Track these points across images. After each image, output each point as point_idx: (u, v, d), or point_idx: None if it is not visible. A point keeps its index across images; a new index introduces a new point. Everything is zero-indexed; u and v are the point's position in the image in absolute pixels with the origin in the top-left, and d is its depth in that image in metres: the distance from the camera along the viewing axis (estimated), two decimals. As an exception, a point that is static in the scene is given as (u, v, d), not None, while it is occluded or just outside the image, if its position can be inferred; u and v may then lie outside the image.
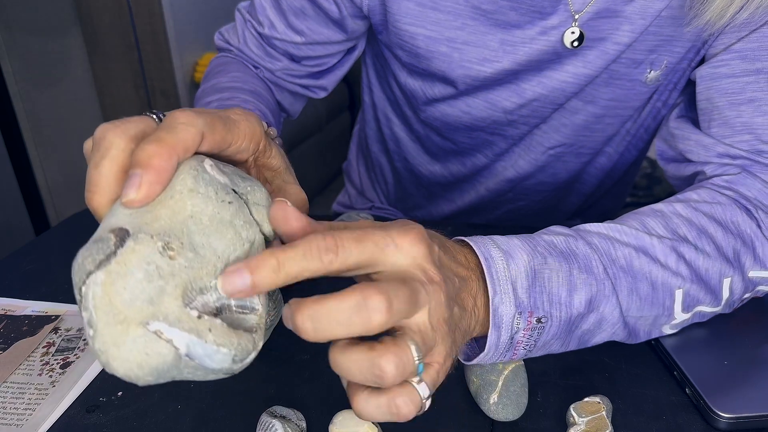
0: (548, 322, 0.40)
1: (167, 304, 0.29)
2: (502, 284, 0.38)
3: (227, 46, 0.73)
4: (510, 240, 0.41)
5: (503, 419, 0.44)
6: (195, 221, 0.32)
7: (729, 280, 0.47)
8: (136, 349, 0.28)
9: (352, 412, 0.42)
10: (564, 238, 0.42)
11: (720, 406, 0.44)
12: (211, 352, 0.29)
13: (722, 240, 0.47)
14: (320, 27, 0.67)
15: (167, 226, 0.31)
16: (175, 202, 0.32)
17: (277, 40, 0.68)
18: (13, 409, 0.46)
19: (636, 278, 0.43)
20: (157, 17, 1.67)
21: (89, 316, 0.29)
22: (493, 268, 0.38)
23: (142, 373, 0.29)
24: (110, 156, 0.33)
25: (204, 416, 0.45)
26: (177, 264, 0.30)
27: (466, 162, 0.78)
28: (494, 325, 0.38)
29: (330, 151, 2.09)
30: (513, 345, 0.40)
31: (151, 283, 0.29)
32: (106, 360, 0.29)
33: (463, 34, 0.61)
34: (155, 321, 0.29)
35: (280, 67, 0.71)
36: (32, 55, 1.85)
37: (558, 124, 0.69)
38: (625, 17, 0.58)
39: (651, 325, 0.46)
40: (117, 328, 0.28)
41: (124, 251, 0.29)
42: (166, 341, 0.29)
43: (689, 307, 0.46)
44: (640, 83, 0.63)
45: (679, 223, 0.47)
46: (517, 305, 0.38)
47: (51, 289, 0.61)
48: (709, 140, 0.55)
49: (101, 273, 0.29)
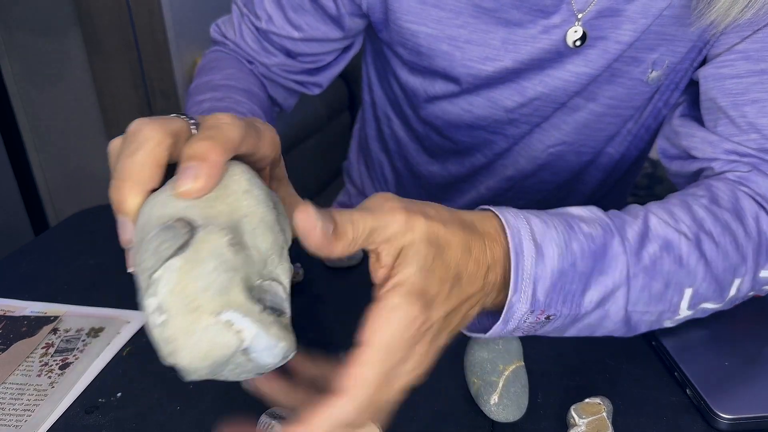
0: (556, 319, 0.40)
1: (236, 295, 0.29)
2: (525, 283, 0.37)
3: (223, 39, 0.73)
4: (547, 229, 0.39)
5: (504, 420, 0.44)
6: (248, 221, 0.32)
7: (740, 280, 0.47)
8: (206, 339, 0.29)
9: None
10: (602, 232, 0.41)
11: (721, 407, 0.44)
12: (271, 345, 0.30)
13: (743, 238, 0.46)
14: (318, 23, 0.67)
15: (227, 222, 0.31)
16: (232, 200, 0.32)
17: (274, 34, 0.68)
18: (12, 410, 0.46)
19: (654, 278, 0.42)
20: (156, 17, 1.67)
21: (160, 301, 0.29)
22: (521, 265, 0.37)
23: (201, 365, 0.29)
24: (147, 148, 0.33)
25: (204, 417, 0.45)
26: (239, 259, 0.30)
27: (465, 162, 0.78)
28: (504, 320, 0.38)
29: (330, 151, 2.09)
30: (514, 331, 0.40)
31: (222, 274, 0.29)
32: (174, 349, 0.29)
33: (465, 32, 0.61)
34: (228, 311, 0.29)
35: (276, 62, 0.70)
36: (32, 55, 1.85)
37: (559, 122, 0.69)
38: (626, 16, 0.57)
39: (654, 321, 0.46)
40: (189, 317, 0.28)
41: (196, 241, 0.30)
42: (236, 332, 0.29)
43: (695, 305, 0.46)
44: (641, 83, 0.63)
45: (705, 217, 0.46)
46: (532, 304, 0.38)
47: (50, 290, 0.61)
48: (715, 137, 0.55)
49: (178, 259, 0.29)
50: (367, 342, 0.32)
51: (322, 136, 2.08)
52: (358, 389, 0.31)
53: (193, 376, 0.30)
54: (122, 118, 1.79)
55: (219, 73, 0.66)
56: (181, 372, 0.30)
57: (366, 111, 0.88)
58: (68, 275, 0.63)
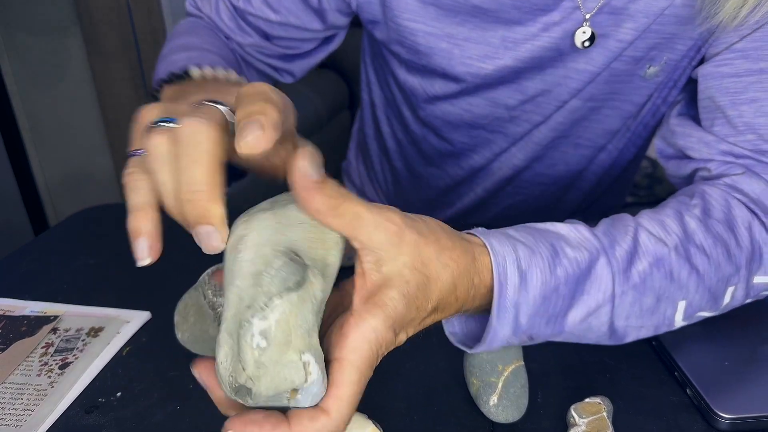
0: (538, 337, 0.41)
1: (315, 339, 0.31)
2: (508, 310, 0.38)
3: (198, 13, 0.71)
4: (533, 254, 0.39)
5: (503, 421, 0.44)
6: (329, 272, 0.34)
7: (734, 288, 0.47)
8: (285, 373, 0.30)
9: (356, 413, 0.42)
10: (588, 255, 0.41)
11: (721, 407, 0.44)
12: (320, 393, 0.31)
13: (735, 248, 0.47)
14: (297, 10, 0.66)
15: (320, 267, 0.33)
16: (327, 248, 0.33)
17: (250, 15, 0.67)
18: (12, 409, 0.46)
19: (644, 294, 0.43)
20: (156, 16, 1.67)
21: (266, 327, 0.29)
22: (504, 292, 0.38)
23: (267, 394, 0.31)
24: (210, 152, 0.32)
25: (203, 417, 0.45)
26: (322, 305, 0.32)
27: (462, 164, 0.78)
28: (487, 342, 0.39)
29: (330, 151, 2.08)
30: (498, 347, 0.40)
31: (312, 317, 0.31)
32: (260, 374, 0.30)
33: (464, 30, 0.61)
34: (308, 353, 0.30)
35: (251, 42, 0.69)
36: (32, 55, 1.85)
37: (558, 119, 0.69)
38: (628, 15, 0.57)
39: (651, 333, 0.46)
40: (282, 349, 0.30)
41: (307, 280, 0.31)
42: (307, 373, 0.30)
43: (689, 316, 0.46)
44: (639, 78, 0.63)
45: (696, 229, 0.46)
46: (514, 329, 0.39)
47: (50, 290, 0.61)
48: (711, 138, 0.55)
49: (295, 295, 0.30)
50: (348, 361, 0.32)
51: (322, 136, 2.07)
52: (341, 409, 0.32)
53: (254, 401, 0.31)
54: (122, 118, 1.79)
55: (198, 38, 0.64)
56: (245, 394, 0.30)
57: (365, 111, 0.87)
58: (68, 275, 0.63)
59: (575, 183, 0.79)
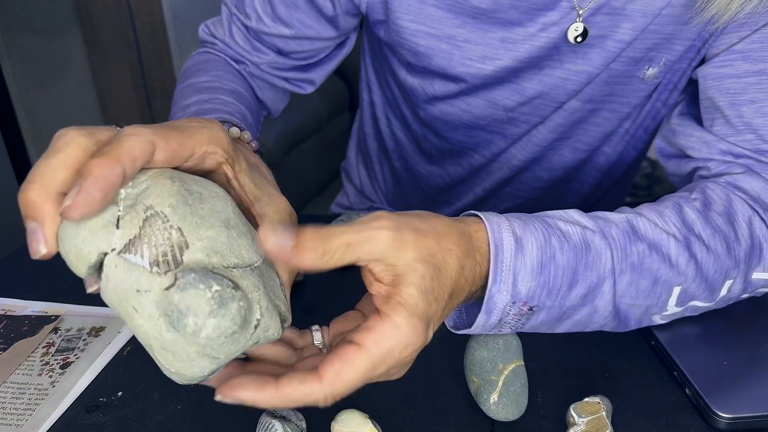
0: (540, 311, 0.41)
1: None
2: (505, 274, 0.38)
3: (212, 39, 0.72)
4: (527, 224, 0.40)
5: (503, 419, 0.44)
6: None
7: (731, 281, 0.47)
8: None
9: (355, 411, 0.42)
10: (581, 229, 0.42)
11: (720, 407, 0.44)
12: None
13: (734, 241, 0.47)
14: (311, 21, 0.67)
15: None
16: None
17: (264, 33, 0.68)
18: (13, 409, 0.46)
19: (641, 275, 0.43)
20: (156, 17, 1.67)
21: None
22: (500, 257, 0.38)
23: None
24: (66, 150, 0.30)
25: (204, 416, 0.45)
26: None
27: (462, 163, 0.78)
28: (486, 311, 0.39)
29: (330, 151, 2.08)
30: (500, 325, 0.41)
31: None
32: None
33: (464, 31, 0.61)
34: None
35: (266, 60, 0.70)
36: (32, 55, 1.85)
37: (556, 120, 0.69)
38: (626, 15, 0.58)
39: (642, 313, 0.46)
40: None
41: None
42: None
43: (683, 302, 0.46)
44: (638, 79, 0.63)
45: (696, 220, 0.47)
46: (513, 295, 0.39)
47: (51, 289, 0.61)
48: (711, 137, 0.55)
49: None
50: (364, 347, 0.33)
51: (322, 136, 2.08)
52: (336, 383, 0.32)
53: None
54: (122, 118, 1.80)
55: (205, 75, 0.65)
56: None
57: (364, 110, 0.88)
58: (69, 275, 0.63)
59: (574, 186, 0.79)
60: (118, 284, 0.31)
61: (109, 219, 0.31)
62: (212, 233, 0.32)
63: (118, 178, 0.30)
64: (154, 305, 0.30)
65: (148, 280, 0.30)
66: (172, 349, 0.31)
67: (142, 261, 0.30)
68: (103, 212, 0.31)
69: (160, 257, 0.30)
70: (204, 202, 0.33)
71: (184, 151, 0.34)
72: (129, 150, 0.30)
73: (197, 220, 0.32)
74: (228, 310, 0.30)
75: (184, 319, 0.30)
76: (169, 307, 0.30)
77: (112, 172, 0.29)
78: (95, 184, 0.29)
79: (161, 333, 0.30)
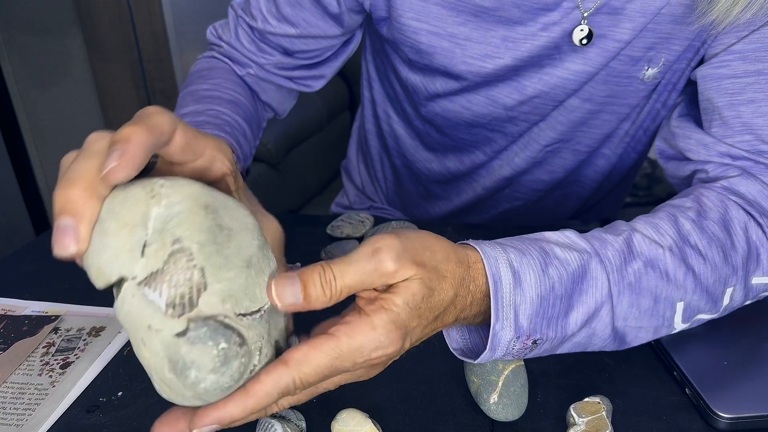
0: (543, 344, 0.41)
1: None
2: (506, 310, 0.39)
3: (218, 41, 0.73)
4: (523, 256, 0.40)
5: (503, 419, 0.44)
6: None
7: (732, 289, 0.47)
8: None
9: (355, 411, 0.42)
10: (578, 255, 0.42)
11: (720, 406, 0.44)
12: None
13: (731, 249, 0.47)
14: (316, 20, 0.67)
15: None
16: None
17: (270, 34, 0.68)
18: (13, 409, 0.46)
19: (640, 294, 0.43)
20: (157, 17, 1.67)
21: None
22: (500, 293, 0.39)
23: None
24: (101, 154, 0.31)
25: (204, 416, 0.45)
26: None
27: (464, 159, 0.78)
28: (491, 347, 0.39)
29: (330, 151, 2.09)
30: (505, 356, 0.41)
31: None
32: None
33: (466, 29, 0.62)
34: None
35: (272, 61, 0.70)
36: (32, 55, 1.85)
37: (556, 120, 0.69)
38: (625, 14, 0.58)
39: (651, 336, 0.46)
40: None
41: None
42: None
43: (689, 318, 0.46)
44: (637, 80, 0.63)
45: (691, 230, 0.46)
46: (516, 330, 0.39)
47: (51, 290, 0.61)
48: (710, 139, 0.55)
49: None
50: (334, 336, 0.33)
51: (323, 136, 2.08)
52: (302, 365, 0.33)
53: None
54: (122, 118, 1.79)
55: (205, 83, 0.66)
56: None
57: (365, 108, 0.88)
58: (69, 275, 0.63)
59: (574, 189, 0.79)
60: (133, 313, 0.31)
61: (136, 243, 0.31)
62: (232, 274, 0.32)
63: (153, 147, 0.32)
64: (161, 346, 0.31)
65: (161, 321, 0.30)
66: (169, 385, 0.32)
67: (159, 300, 0.30)
68: (131, 233, 0.31)
69: (177, 299, 0.31)
70: (232, 239, 0.33)
71: (197, 144, 0.36)
72: (159, 124, 0.32)
73: (221, 261, 0.32)
74: (229, 368, 0.31)
75: (187, 370, 0.31)
76: (175, 355, 0.31)
77: (147, 139, 0.31)
78: (137, 149, 0.31)
79: (163, 370, 0.31)
